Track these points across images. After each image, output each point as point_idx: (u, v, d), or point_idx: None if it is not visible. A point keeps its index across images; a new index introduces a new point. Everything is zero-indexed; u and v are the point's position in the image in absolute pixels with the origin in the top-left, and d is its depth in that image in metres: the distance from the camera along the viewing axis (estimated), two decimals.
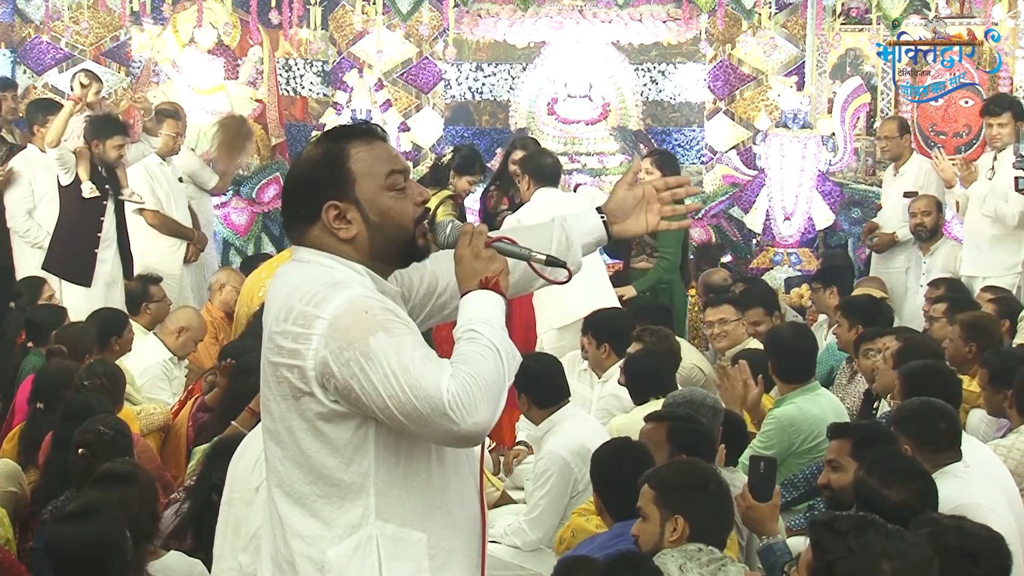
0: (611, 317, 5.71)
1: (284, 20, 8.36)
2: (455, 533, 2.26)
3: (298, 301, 2.16)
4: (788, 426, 4.58)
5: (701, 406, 4.20)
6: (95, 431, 3.99)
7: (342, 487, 2.18)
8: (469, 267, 2.25)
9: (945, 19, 8.79)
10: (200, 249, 7.76)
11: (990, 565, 2.71)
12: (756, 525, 3.40)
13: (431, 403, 2.07)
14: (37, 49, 9.24)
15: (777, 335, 5.01)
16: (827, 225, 8.86)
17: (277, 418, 2.22)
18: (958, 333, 5.14)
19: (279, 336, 2.17)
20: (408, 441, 2.19)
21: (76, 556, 3.08)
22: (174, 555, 3.48)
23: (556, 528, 4.39)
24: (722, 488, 3.16)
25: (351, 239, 2.25)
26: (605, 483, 3.56)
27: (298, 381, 2.15)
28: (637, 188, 2.56)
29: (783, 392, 4.81)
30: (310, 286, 2.18)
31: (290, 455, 2.20)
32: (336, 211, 2.25)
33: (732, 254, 9.12)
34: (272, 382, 2.20)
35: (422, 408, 2.07)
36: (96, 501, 3.21)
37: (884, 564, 2.28)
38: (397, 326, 2.14)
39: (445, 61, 9.70)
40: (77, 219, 6.91)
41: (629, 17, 8.95)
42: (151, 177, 7.42)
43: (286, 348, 2.15)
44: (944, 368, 4.41)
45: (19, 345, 5.87)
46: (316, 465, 2.18)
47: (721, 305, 6.06)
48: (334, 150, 2.27)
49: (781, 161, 8.65)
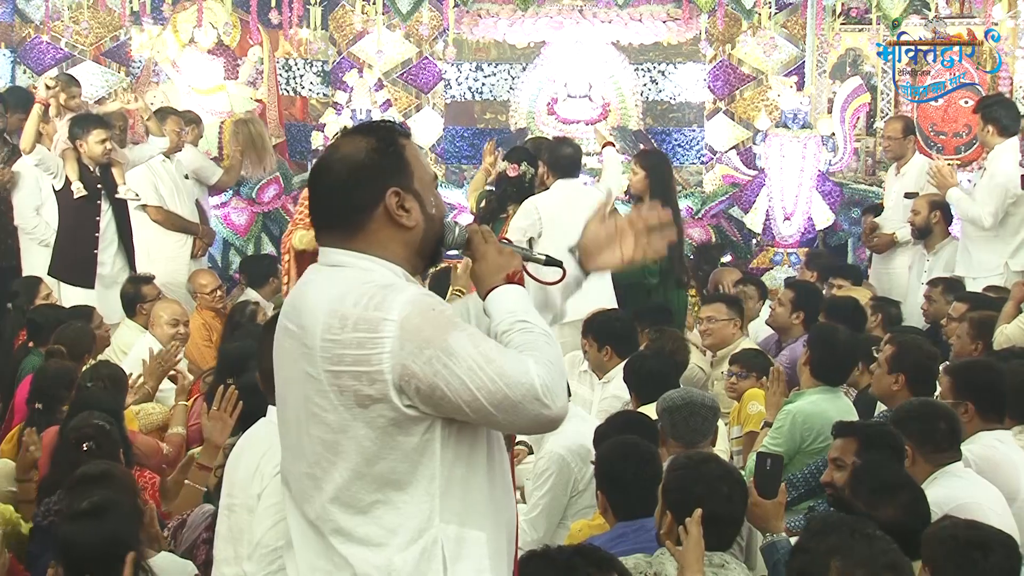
0: (613, 319, 5.70)
1: (284, 20, 8.37)
2: (505, 532, 2.26)
3: (352, 306, 2.09)
4: (802, 424, 4.51)
5: (700, 406, 4.19)
6: (94, 425, 3.99)
7: (408, 492, 2.13)
8: (494, 263, 2.25)
9: (945, 19, 8.79)
10: (208, 244, 7.77)
11: (999, 558, 2.72)
12: (760, 522, 3.39)
13: (523, 389, 2.07)
14: (37, 49, 9.24)
15: (830, 334, 4.82)
16: (827, 225, 8.86)
17: (336, 429, 2.13)
18: (966, 331, 5.13)
19: (336, 345, 2.09)
20: (469, 440, 2.17)
21: (90, 555, 3.08)
22: (165, 556, 3.45)
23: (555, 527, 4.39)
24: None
25: (412, 228, 2.22)
26: (610, 482, 3.55)
27: (368, 388, 2.08)
28: (610, 222, 2.51)
29: (806, 386, 4.71)
30: (361, 289, 2.12)
31: (352, 465, 2.13)
32: (397, 198, 2.21)
33: (732, 254, 9.11)
34: (330, 393, 2.12)
35: (514, 395, 2.07)
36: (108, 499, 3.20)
37: (834, 562, 2.30)
38: (461, 320, 2.15)
39: (445, 61, 9.70)
40: (74, 222, 6.93)
41: (629, 17, 8.96)
42: (153, 174, 7.43)
43: (350, 356, 2.08)
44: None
45: (19, 345, 5.87)
46: (383, 472, 2.12)
47: (715, 303, 6.06)
48: (389, 139, 2.24)
49: (781, 161, 8.65)
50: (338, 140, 2.30)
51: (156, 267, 7.06)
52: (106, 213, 7.00)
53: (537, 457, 4.59)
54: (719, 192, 9.28)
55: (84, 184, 6.83)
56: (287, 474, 2.29)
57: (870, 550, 2.33)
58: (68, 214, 6.92)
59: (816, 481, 4.12)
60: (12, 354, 5.84)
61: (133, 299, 6.42)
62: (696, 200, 9.15)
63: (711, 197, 9.24)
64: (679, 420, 4.11)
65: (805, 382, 4.73)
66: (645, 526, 3.39)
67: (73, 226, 6.92)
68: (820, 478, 3.84)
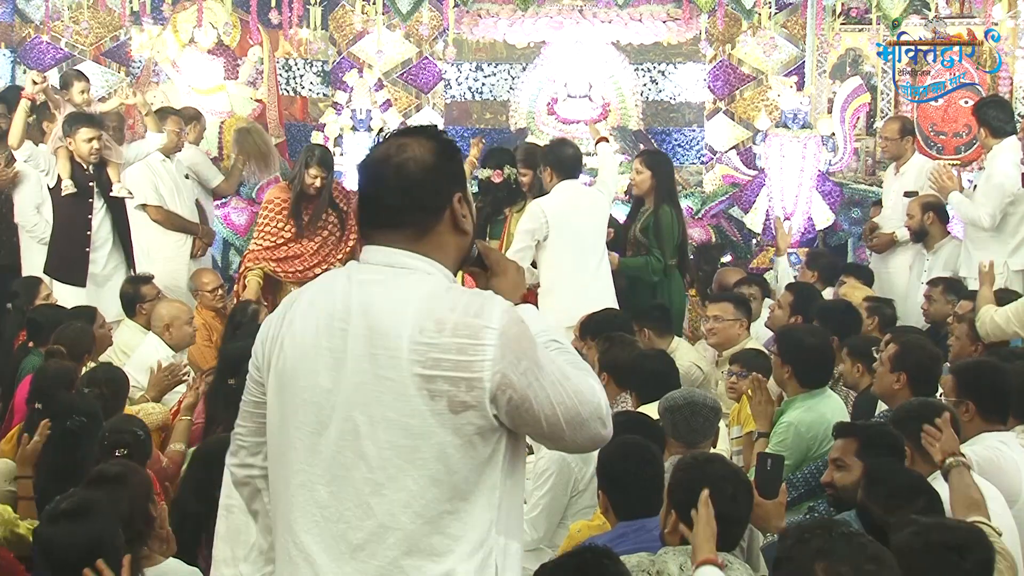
0: (611, 319, 5.69)
1: (284, 20, 8.36)
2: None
3: (450, 311, 2.07)
4: (806, 432, 4.46)
5: (702, 406, 4.19)
6: (130, 432, 3.99)
7: (471, 501, 2.11)
8: (514, 280, 2.29)
9: (945, 19, 8.79)
10: (207, 244, 7.76)
11: (976, 556, 2.72)
12: (762, 522, 3.40)
13: (591, 407, 2.14)
14: (37, 49, 9.25)
15: (797, 338, 4.75)
16: (827, 225, 8.86)
17: (418, 435, 2.07)
18: (965, 332, 5.12)
19: (433, 349, 2.05)
20: (518, 454, 2.18)
21: (72, 557, 3.03)
22: (172, 562, 3.42)
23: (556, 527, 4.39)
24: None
25: (468, 234, 2.23)
26: (611, 482, 3.55)
27: (464, 394, 2.05)
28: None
29: (793, 394, 4.66)
30: (453, 294, 2.11)
31: (429, 473, 2.08)
32: (460, 204, 2.21)
33: (732, 254, 9.11)
34: (415, 397, 2.07)
35: (584, 412, 2.13)
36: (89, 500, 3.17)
37: (818, 565, 2.31)
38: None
39: (445, 61, 9.70)
40: (66, 220, 6.94)
41: (629, 17, 8.95)
42: (153, 173, 7.42)
43: (448, 361, 2.05)
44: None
45: (19, 345, 5.87)
46: (459, 481, 2.09)
47: (721, 302, 6.04)
48: (451, 145, 2.23)
49: (781, 161, 8.65)
50: (400, 140, 2.21)
51: (155, 267, 7.06)
52: (99, 212, 6.99)
53: (537, 457, 4.59)
54: (719, 192, 9.28)
55: (76, 182, 6.82)
56: (286, 481, 2.20)
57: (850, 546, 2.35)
58: (60, 212, 6.94)
59: (816, 481, 4.11)
60: (12, 354, 5.84)
61: (133, 299, 6.41)
62: (696, 200, 9.15)
63: (711, 197, 9.24)
64: (680, 420, 4.11)
65: (792, 390, 4.68)
66: (646, 526, 3.39)
67: (65, 224, 6.94)
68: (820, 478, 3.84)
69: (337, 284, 2.20)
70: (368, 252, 2.22)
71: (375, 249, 2.20)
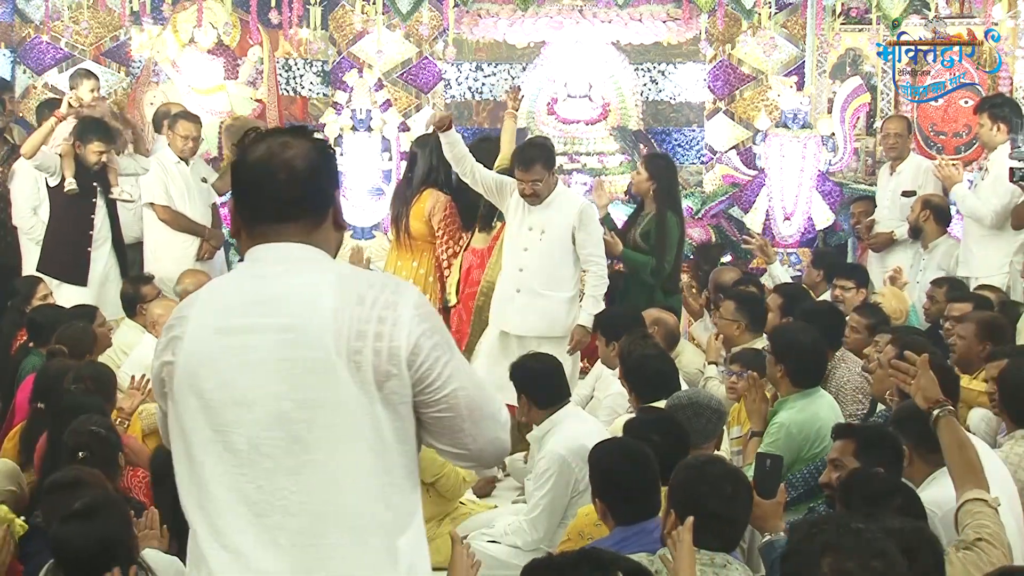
0: (621, 316, 5.73)
1: (284, 20, 8.36)
2: None
3: (368, 288, 2.14)
4: (797, 433, 4.48)
5: (705, 407, 4.20)
6: (89, 432, 3.98)
7: (407, 474, 2.18)
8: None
9: (945, 19, 8.78)
10: (215, 247, 7.76)
11: (926, 560, 2.70)
12: (760, 522, 3.40)
13: (494, 406, 2.24)
14: (37, 49, 9.24)
15: (790, 337, 4.77)
16: (827, 225, 8.86)
17: (352, 410, 2.10)
18: (972, 331, 5.11)
19: (357, 321, 2.10)
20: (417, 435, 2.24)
21: (84, 555, 3.06)
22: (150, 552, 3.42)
23: (556, 527, 4.40)
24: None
25: (345, 227, 2.32)
26: (606, 486, 3.53)
27: (386, 363, 2.10)
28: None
29: (785, 393, 4.68)
30: (365, 275, 2.22)
31: (368, 445, 2.12)
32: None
33: (732, 254, 9.12)
34: (345, 372, 2.09)
35: (487, 409, 2.22)
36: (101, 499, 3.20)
37: (825, 559, 2.31)
38: None
39: (445, 61, 9.70)
40: (67, 219, 6.99)
41: (629, 17, 8.95)
42: (165, 174, 7.45)
43: (370, 331, 2.10)
44: (943, 366, 4.39)
45: (19, 345, 5.87)
46: (394, 453, 2.14)
47: (727, 300, 6.06)
48: (327, 145, 2.27)
49: (781, 161, 8.66)
50: (280, 139, 2.20)
51: (161, 267, 7.13)
52: (100, 211, 7.10)
53: (538, 457, 4.60)
54: (719, 192, 9.28)
55: (79, 182, 6.89)
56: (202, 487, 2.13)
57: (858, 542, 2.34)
58: (60, 210, 7.00)
59: (815, 482, 4.12)
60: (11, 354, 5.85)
61: (133, 299, 6.43)
62: (696, 200, 9.15)
63: (711, 197, 9.24)
64: (683, 420, 4.11)
65: (785, 390, 4.69)
66: (646, 528, 3.39)
67: (65, 222, 6.99)
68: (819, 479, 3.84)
69: (230, 285, 2.25)
70: (259, 251, 2.19)
71: (267, 247, 2.19)
